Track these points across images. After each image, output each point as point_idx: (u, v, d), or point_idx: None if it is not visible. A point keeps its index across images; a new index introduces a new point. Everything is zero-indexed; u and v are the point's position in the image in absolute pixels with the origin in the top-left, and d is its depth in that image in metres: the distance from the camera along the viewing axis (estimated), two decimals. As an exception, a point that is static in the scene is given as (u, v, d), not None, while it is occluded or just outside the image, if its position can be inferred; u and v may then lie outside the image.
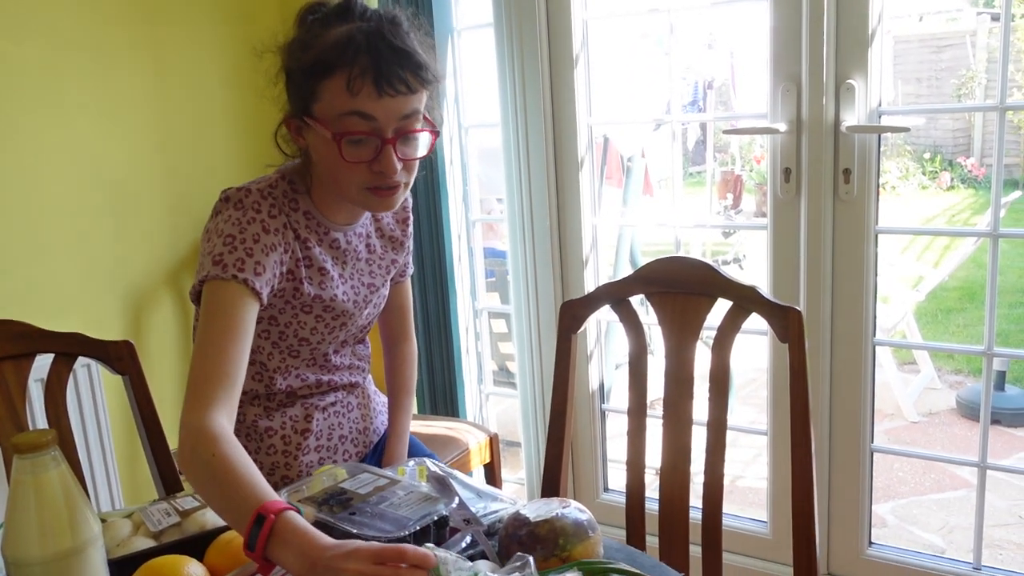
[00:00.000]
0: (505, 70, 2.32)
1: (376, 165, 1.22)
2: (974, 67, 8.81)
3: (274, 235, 1.26)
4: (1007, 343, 4.64)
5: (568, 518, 1.03)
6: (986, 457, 2.01)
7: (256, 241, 1.24)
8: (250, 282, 1.20)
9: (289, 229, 1.30)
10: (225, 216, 1.26)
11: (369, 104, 1.18)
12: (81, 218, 2.18)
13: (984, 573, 2.03)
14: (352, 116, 1.19)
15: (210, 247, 1.24)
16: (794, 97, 1.98)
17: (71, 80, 2.13)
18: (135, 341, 1.56)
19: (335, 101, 1.20)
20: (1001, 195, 1.94)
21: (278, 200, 1.30)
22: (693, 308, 1.41)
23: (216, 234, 1.24)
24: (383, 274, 1.47)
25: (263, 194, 1.28)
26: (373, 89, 1.18)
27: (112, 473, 2.16)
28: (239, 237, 1.23)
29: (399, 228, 1.50)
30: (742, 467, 3.27)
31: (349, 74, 1.17)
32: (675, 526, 1.42)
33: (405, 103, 1.21)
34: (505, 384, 3.34)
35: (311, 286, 1.33)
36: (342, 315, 1.39)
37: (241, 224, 1.24)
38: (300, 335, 1.37)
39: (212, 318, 1.18)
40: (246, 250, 1.22)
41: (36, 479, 0.92)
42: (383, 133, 1.21)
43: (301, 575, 0.88)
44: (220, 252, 1.22)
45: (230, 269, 1.20)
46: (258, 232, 1.25)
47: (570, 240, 2.39)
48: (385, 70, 1.17)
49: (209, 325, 1.18)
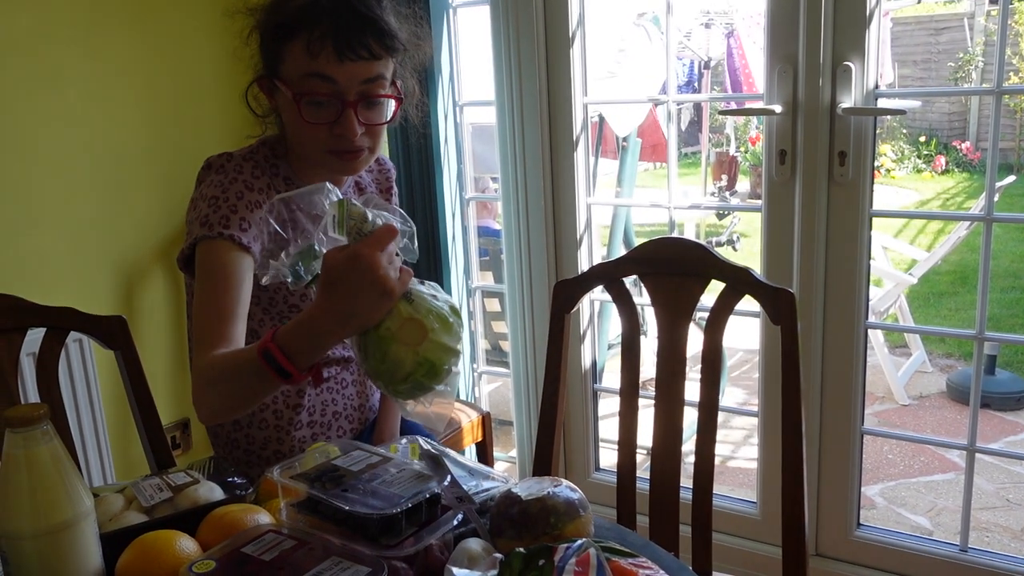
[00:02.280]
0: (501, 48, 2.30)
1: (337, 128, 1.24)
2: (972, 50, 8.79)
3: (258, 193, 1.29)
4: (999, 327, 4.66)
5: (560, 497, 1.03)
6: (975, 440, 2.02)
7: (240, 198, 1.26)
8: (236, 237, 1.23)
9: (273, 189, 1.32)
10: (208, 181, 1.29)
11: (329, 67, 1.20)
12: (72, 192, 2.16)
13: (970, 555, 2.05)
14: (313, 78, 1.21)
15: (196, 212, 1.26)
16: (790, 78, 1.97)
17: (60, 53, 2.11)
18: (127, 316, 1.56)
19: (297, 62, 1.22)
20: (996, 179, 1.94)
21: (260, 163, 1.32)
22: (686, 289, 1.41)
23: (201, 199, 1.27)
24: None
25: (244, 157, 1.31)
26: (333, 52, 1.19)
27: (104, 448, 2.16)
28: (222, 197, 1.25)
29: (383, 197, 1.51)
30: (733, 448, 3.29)
31: (309, 36, 1.19)
32: (665, 506, 1.43)
33: (367, 68, 1.22)
34: (498, 363, 3.34)
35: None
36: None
37: (224, 185, 1.27)
38: (290, 301, 1.37)
39: (206, 277, 1.22)
40: (230, 207, 1.25)
41: (28, 453, 0.92)
42: (344, 96, 1.22)
43: (337, 325, 0.98)
44: (206, 214, 1.24)
45: (216, 227, 1.22)
46: (241, 190, 1.27)
47: (564, 219, 2.38)
48: (346, 34, 1.19)
49: (204, 283, 1.22)
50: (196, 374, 1.15)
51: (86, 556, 0.95)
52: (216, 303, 1.19)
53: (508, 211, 2.42)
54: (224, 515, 1.06)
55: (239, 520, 1.04)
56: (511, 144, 2.36)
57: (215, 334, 1.17)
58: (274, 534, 0.99)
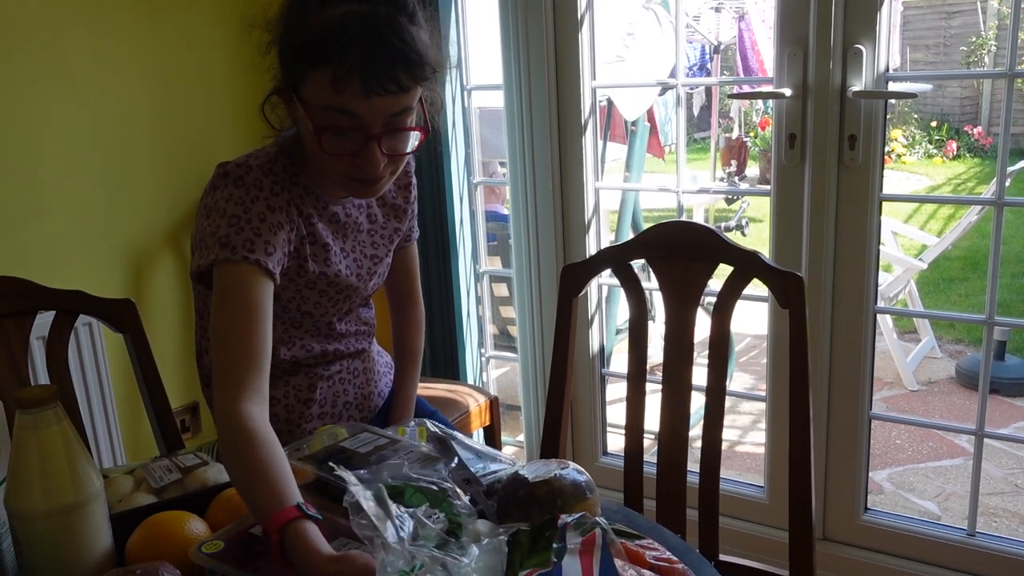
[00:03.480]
0: (509, 31, 2.29)
1: (359, 160, 1.17)
2: (984, 34, 8.71)
3: (280, 213, 1.22)
4: (1009, 313, 4.64)
5: (566, 479, 1.03)
6: (983, 425, 2.02)
7: (263, 220, 1.20)
8: (262, 262, 1.17)
9: (293, 206, 1.26)
10: (226, 194, 1.21)
11: (355, 103, 1.12)
12: (81, 176, 2.17)
13: (978, 540, 2.05)
14: (337, 113, 1.13)
15: (213, 227, 1.19)
16: (800, 61, 1.96)
17: (70, 37, 2.11)
18: (136, 299, 1.56)
19: (320, 93, 1.13)
20: (1007, 163, 1.93)
21: (279, 176, 1.25)
22: (694, 273, 1.41)
23: (218, 213, 1.20)
24: (386, 244, 1.44)
25: (264, 171, 1.24)
26: (360, 87, 1.10)
27: (114, 431, 2.17)
28: (244, 217, 1.19)
29: (400, 196, 1.46)
30: (741, 433, 3.29)
31: (336, 70, 1.10)
32: (673, 490, 1.43)
33: (395, 102, 1.13)
34: (506, 348, 3.35)
35: (315, 263, 1.31)
36: (346, 289, 1.38)
37: (244, 203, 1.20)
38: (303, 309, 1.35)
39: (228, 302, 1.15)
40: (253, 230, 1.18)
41: (38, 434, 0.93)
42: (369, 130, 1.15)
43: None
44: (226, 233, 1.17)
45: (240, 251, 1.16)
46: (263, 211, 1.20)
47: (572, 204, 2.38)
48: (375, 68, 1.10)
49: (226, 309, 1.14)
50: (223, 423, 1.07)
51: (96, 536, 0.96)
52: (243, 340, 1.12)
53: (516, 196, 2.42)
54: (233, 496, 1.07)
55: (248, 501, 1.04)
56: (519, 128, 2.35)
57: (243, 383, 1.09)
58: (282, 515, 0.99)
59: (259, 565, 0.91)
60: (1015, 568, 1.98)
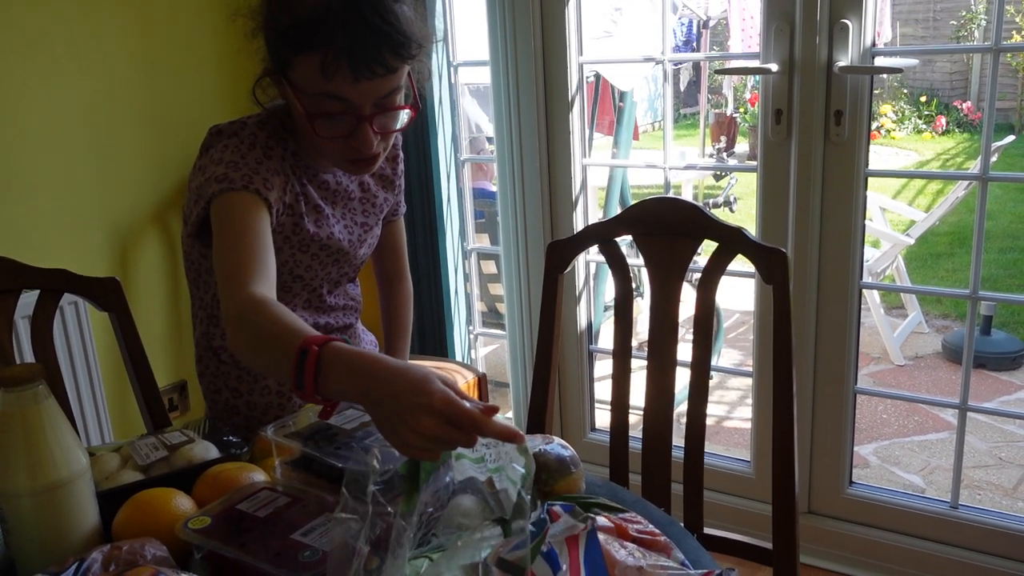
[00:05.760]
0: (495, 6, 2.28)
1: (352, 141, 1.18)
2: (974, 8, 8.69)
3: (277, 161, 1.24)
4: (996, 288, 4.66)
5: (551, 454, 1.04)
6: (967, 399, 2.04)
7: (259, 163, 1.21)
8: (262, 192, 1.17)
9: (287, 162, 1.28)
10: (221, 146, 1.23)
11: (344, 88, 1.12)
12: (65, 154, 2.15)
13: (961, 511, 2.07)
14: (327, 99, 1.14)
15: (210, 174, 1.18)
16: (787, 36, 1.95)
17: (54, 13, 2.09)
18: (121, 278, 1.56)
19: (309, 80, 1.13)
20: (992, 138, 1.93)
21: (273, 134, 1.28)
22: (679, 249, 1.41)
23: (214, 162, 1.20)
24: (377, 213, 1.46)
25: (259, 126, 1.27)
26: (348, 72, 1.10)
27: (102, 410, 2.17)
28: (242, 161, 1.19)
29: (389, 167, 1.48)
30: (728, 408, 3.31)
31: (323, 56, 1.10)
32: (658, 464, 1.45)
33: (384, 84, 1.14)
34: (495, 326, 3.35)
35: (310, 223, 1.32)
36: (337, 253, 1.39)
37: (241, 150, 1.21)
38: (295, 272, 1.36)
39: (229, 224, 1.13)
40: (251, 169, 1.19)
41: (23, 412, 0.93)
42: (360, 112, 1.16)
43: (360, 402, 0.83)
44: (224, 172, 1.17)
45: (238, 182, 1.16)
46: (260, 157, 1.22)
47: (560, 181, 2.38)
48: (362, 53, 1.10)
49: (228, 233, 1.12)
50: (236, 307, 1.02)
51: (83, 514, 0.97)
52: (245, 248, 1.10)
53: (503, 173, 2.42)
54: (219, 473, 1.07)
55: (234, 478, 1.05)
56: (506, 105, 2.35)
57: (248, 275, 1.06)
58: (269, 491, 1.00)
59: (245, 540, 0.92)
60: (996, 539, 2.01)
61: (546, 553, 0.83)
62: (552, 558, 0.83)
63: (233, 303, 1.03)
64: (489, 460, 0.92)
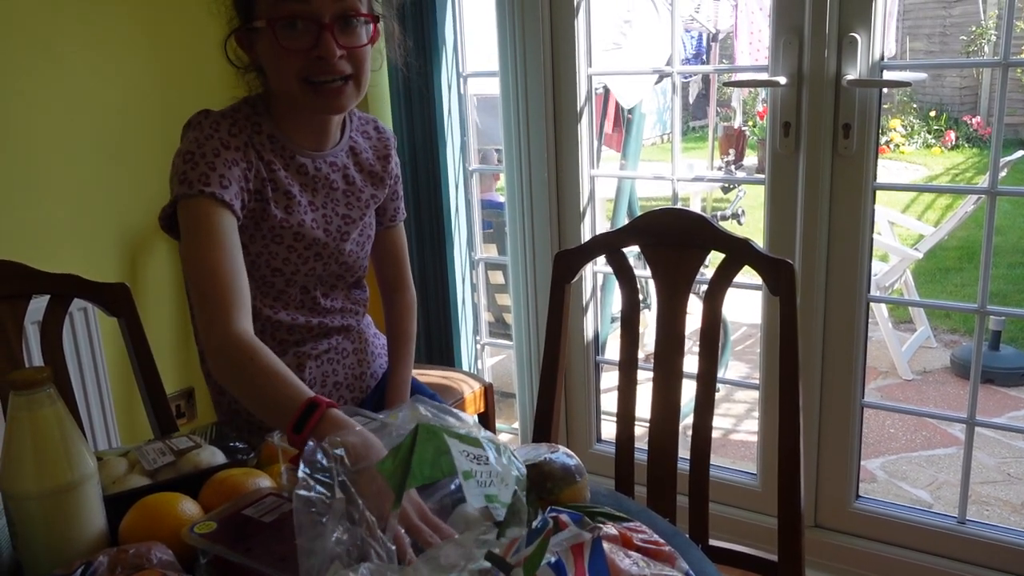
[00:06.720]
0: (505, 18, 2.29)
1: (315, 51, 1.25)
2: (984, 23, 8.69)
3: (235, 151, 1.29)
4: (1005, 303, 4.64)
5: (556, 462, 1.04)
6: (975, 414, 2.03)
7: (216, 155, 1.26)
8: (218, 195, 1.23)
9: (251, 148, 1.32)
10: (185, 140, 1.30)
11: None
12: (75, 159, 2.17)
13: (968, 527, 2.06)
14: (286, 2, 1.23)
15: (174, 170, 1.27)
16: (796, 49, 1.96)
17: (65, 18, 2.11)
18: (130, 284, 1.57)
19: None
20: (1000, 153, 1.93)
21: (239, 121, 1.32)
22: (686, 260, 1.42)
23: (179, 157, 1.27)
24: (361, 207, 1.45)
25: (223, 115, 1.32)
26: None
27: (109, 415, 2.18)
28: (198, 152, 1.26)
29: (379, 164, 1.49)
30: (735, 421, 3.30)
31: None
32: (663, 476, 1.44)
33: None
34: (503, 336, 3.35)
35: (277, 209, 1.34)
36: (314, 244, 1.39)
37: (199, 141, 1.27)
38: (272, 265, 1.36)
39: (194, 235, 1.22)
40: (208, 164, 1.25)
41: (32, 415, 0.93)
42: (320, 18, 1.23)
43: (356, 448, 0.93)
44: (183, 171, 1.25)
45: (196, 185, 1.23)
46: (217, 147, 1.27)
47: (568, 192, 2.38)
48: None
49: (193, 242, 1.22)
50: (218, 344, 1.14)
51: (90, 517, 0.97)
52: (211, 267, 1.19)
53: (511, 183, 2.42)
54: (226, 478, 1.07)
55: (240, 483, 1.05)
56: (515, 116, 2.35)
57: (227, 305, 1.16)
58: (275, 497, 1.00)
59: (251, 545, 0.92)
60: (1004, 555, 2.00)
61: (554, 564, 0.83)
62: (560, 568, 0.82)
63: (214, 335, 1.15)
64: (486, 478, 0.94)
